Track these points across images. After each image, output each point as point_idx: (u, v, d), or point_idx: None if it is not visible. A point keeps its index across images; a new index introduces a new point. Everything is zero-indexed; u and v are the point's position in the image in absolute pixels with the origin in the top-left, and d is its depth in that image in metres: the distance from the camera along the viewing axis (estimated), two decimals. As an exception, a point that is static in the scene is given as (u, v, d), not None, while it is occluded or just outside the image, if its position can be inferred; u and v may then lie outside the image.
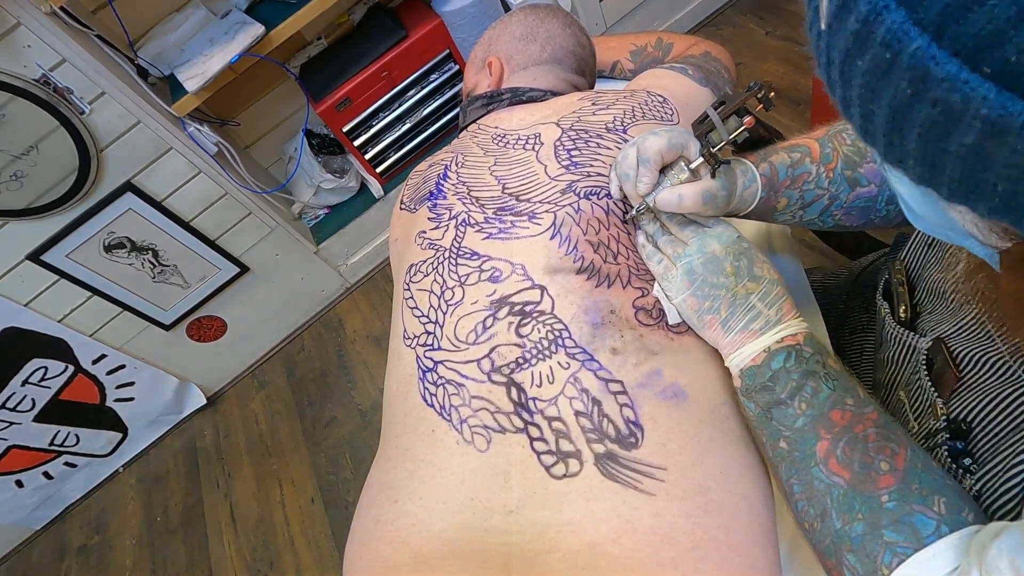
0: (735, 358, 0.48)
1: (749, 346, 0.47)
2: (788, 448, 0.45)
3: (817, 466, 0.43)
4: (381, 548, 0.49)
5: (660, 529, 0.43)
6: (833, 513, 0.42)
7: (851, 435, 0.43)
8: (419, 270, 0.60)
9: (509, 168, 0.63)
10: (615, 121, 0.62)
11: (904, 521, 0.39)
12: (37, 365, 1.60)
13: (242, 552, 1.59)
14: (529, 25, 0.78)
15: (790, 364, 0.45)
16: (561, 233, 0.55)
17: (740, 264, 0.49)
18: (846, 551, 0.40)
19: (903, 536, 0.39)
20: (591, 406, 0.47)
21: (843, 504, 0.41)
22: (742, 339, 0.47)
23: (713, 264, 0.49)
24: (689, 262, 0.50)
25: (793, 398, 0.45)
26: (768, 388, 0.46)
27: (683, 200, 0.49)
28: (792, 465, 0.44)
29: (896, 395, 0.53)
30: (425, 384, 0.53)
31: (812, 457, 0.43)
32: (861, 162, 0.53)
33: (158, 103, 1.36)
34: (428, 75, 1.67)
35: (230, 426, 1.88)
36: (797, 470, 0.44)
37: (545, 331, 0.51)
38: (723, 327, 0.48)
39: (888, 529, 0.39)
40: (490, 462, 0.48)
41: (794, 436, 0.44)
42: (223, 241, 1.65)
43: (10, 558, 1.90)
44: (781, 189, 0.54)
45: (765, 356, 0.46)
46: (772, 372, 0.46)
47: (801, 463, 0.44)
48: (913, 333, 0.50)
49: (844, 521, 0.41)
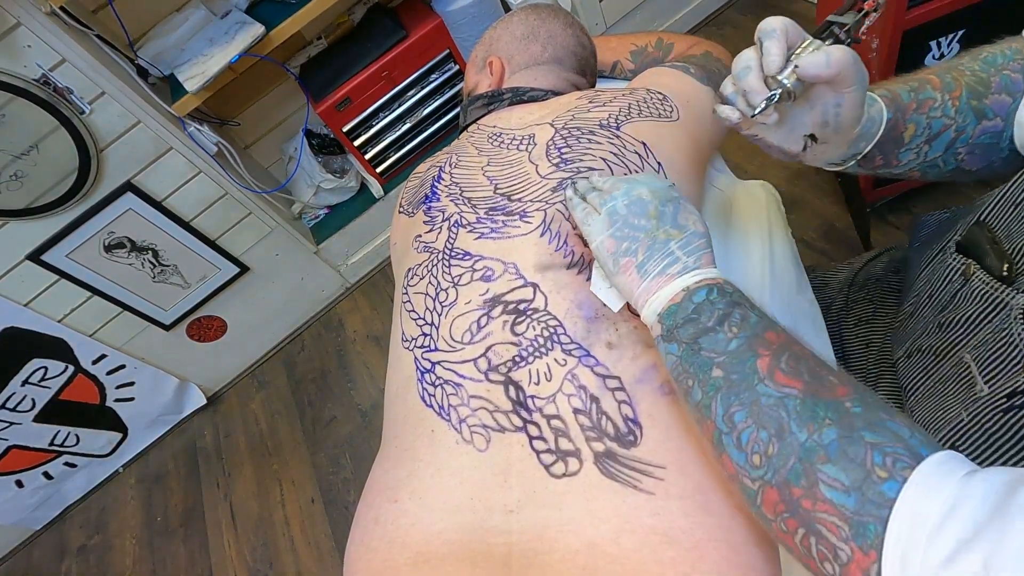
0: (652, 303, 0.45)
1: (666, 289, 0.44)
2: (723, 374, 0.40)
3: (762, 382, 0.38)
4: (381, 548, 0.49)
5: (659, 528, 0.43)
6: (792, 425, 0.36)
7: (791, 351, 0.39)
8: (415, 274, 0.61)
9: (502, 168, 0.63)
10: (609, 118, 0.62)
11: (880, 424, 0.34)
12: (37, 365, 1.60)
13: (242, 552, 1.59)
14: (530, 25, 0.78)
15: (713, 297, 0.43)
16: (551, 230, 0.55)
17: (665, 210, 0.47)
18: (820, 463, 0.35)
19: (884, 437, 0.34)
20: (589, 403, 0.48)
21: (803, 413, 0.36)
22: (658, 283, 0.45)
23: (637, 206, 0.47)
24: (613, 205, 0.48)
25: (722, 324, 0.42)
26: (692, 320, 0.42)
27: (831, 58, 0.42)
28: (730, 390, 0.40)
29: (957, 358, 0.50)
30: (423, 385, 0.54)
31: (754, 374, 0.39)
32: (986, 92, 0.49)
33: (158, 103, 1.36)
34: (428, 75, 1.67)
35: (230, 426, 1.88)
36: (737, 393, 0.39)
37: (540, 328, 0.51)
38: (639, 271, 0.45)
39: (865, 431, 0.34)
40: (489, 461, 0.48)
41: (728, 360, 0.40)
42: (223, 241, 1.65)
43: (10, 558, 1.90)
44: (908, 112, 0.49)
45: (685, 294, 0.44)
46: (695, 305, 0.43)
47: (741, 384, 0.39)
48: (1010, 289, 0.46)
49: (809, 430, 0.36)
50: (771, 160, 1.71)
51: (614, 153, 0.59)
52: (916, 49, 0.95)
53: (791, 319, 0.66)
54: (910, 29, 0.93)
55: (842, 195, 1.36)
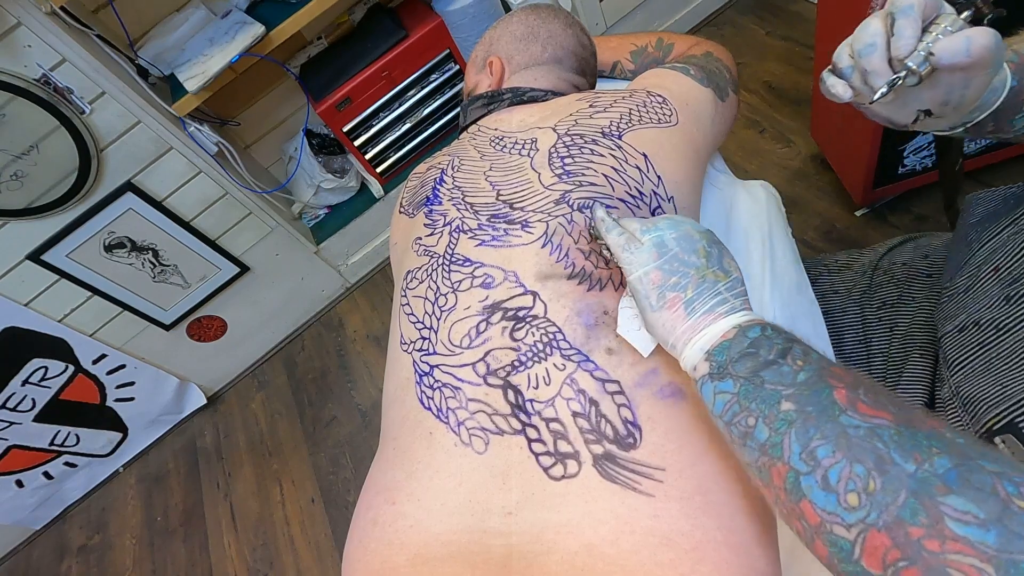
0: (698, 341, 0.42)
1: (715, 326, 0.42)
2: (796, 407, 0.36)
3: (844, 413, 0.34)
4: (380, 550, 0.49)
5: (659, 530, 0.43)
6: (895, 455, 0.32)
7: (865, 384, 0.36)
8: (415, 276, 0.61)
9: (504, 174, 0.63)
10: (611, 125, 0.62)
11: (990, 454, 0.30)
12: (37, 365, 1.60)
13: (242, 552, 1.59)
14: (530, 25, 0.78)
15: (768, 333, 0.41)
16: (552, 242, 0.55)
17: (712, 251, 0.45)
18: (940, 495, 0.29)
19: (1005, 467, 0.29)
20: (588, 407, 0.47)
21: (903, 442, 0.32)
22: (705, 320, 0.43)
23: (687, 242, 0.45)
24: (660, 236, 0.46)
25: (784, 356, 0.39)
26: (750, 354, 0.40)
27: (972, 45, 0.38)
28: (807, 424, 0.35)
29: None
30: (422, 387, 0.54)
31: (833, 405, 0.35)
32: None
33: (158, 103, 1.36)
34: (428, 75, 1.67)
35: (230, 426, 1.88)
36: (817, 426, 0.35)
37: (539, 334, 0.51)
38: (686, 307, 0.43)
39: (982, 459, 0.30)
40: (488, 463, 0.48)
41: (799, 392, 0.37)
42: (223, 241, 1.65)
43: (10, 558, 1.90)
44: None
45: (737, 331, 0.41)
46: (751, 340, 0.40)
47: (820, 416, 0.35)
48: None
49: (917, 460, 0.31)
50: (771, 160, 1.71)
51: (615, 168, 0.59)
52: (917, 49, 0.95)
53: (791, 318, 0.66)
54: (911, 29, 0.93)
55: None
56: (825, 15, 1.13)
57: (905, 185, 1.26)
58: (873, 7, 0.91)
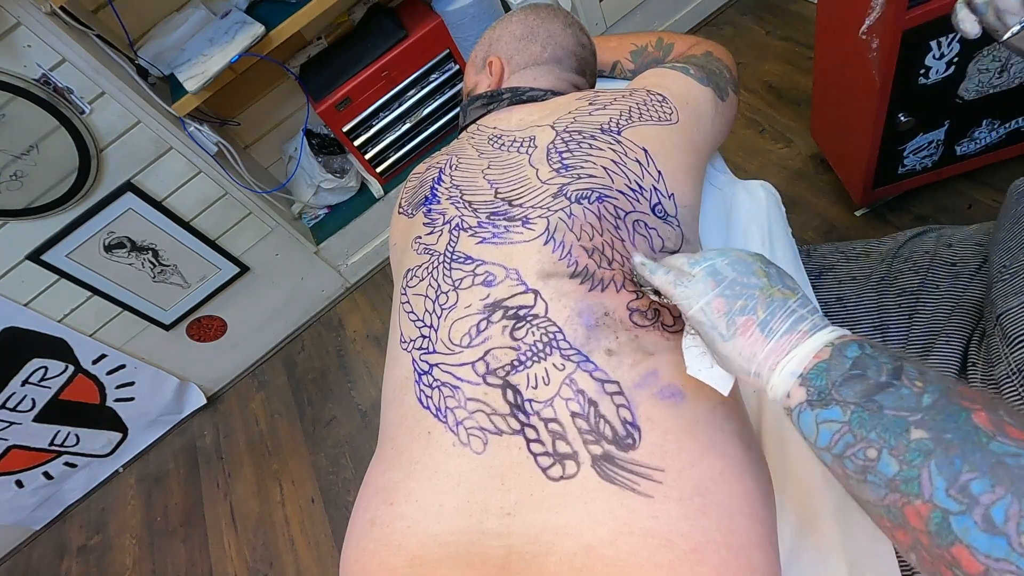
0: (787, 365, 0.38)
1: (804, 346, 0.38)
2: (931, 435, 0.32)
3: (993, 440, 0.31)
4: (377, 550, 0.49)
5: (658, 531, 0.42)
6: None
7: (1002, 405, 0.33)
8: (415, 275, 0.60)
9: (502, 172, 0.63)
10: (610, 122, 0.62)
11: None
12: (37, 365, 1.60)
13: (242, 552, 1.59)
14: (530, 25, 0.78)
15: (869, 351, 0.36)
16: (555, 239, 0.55)
17: (771, 271, 0.43)
18: None
19: None
20: (587, 407, 0.47)
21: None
22: (790, 341, 0.39)
23: (741, 265, 0.43)
24: (712, 264, 0.44)
25: (899, 377, 0.35)
26: (857, 377, 0.35)
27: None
28: (949, 454, 0.31)
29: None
30: (421, 387, 0.53)
31: (976, 431, 0.31)
32: None
33: (158, 103, 1.36)
34: (428, 75, 1.67)
35: (230, 426, 1.88)
36: (964, 456, 0.31)
37: (539, 334, 0.51)
38: (762, 329, 0.40)
39: None
40: (487, 464, 0.48)
41: (931, 417, 0.33)
42: (223, 241, 1.65)
43: (10, 558, 1.90)
44: None
45: (832, 350, 0.37)
46: (852, 360, 0.36)
47: (965, 444, 0.31)
48: None
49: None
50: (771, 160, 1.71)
51: (615, 161, 0.59)
52: (916, 49, 0.95)
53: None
54: (910, 29, 0.93)
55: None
56: (825, 15, 1.13)
57: (905, 185, 1.25)
58: (873, 7, 0.91)
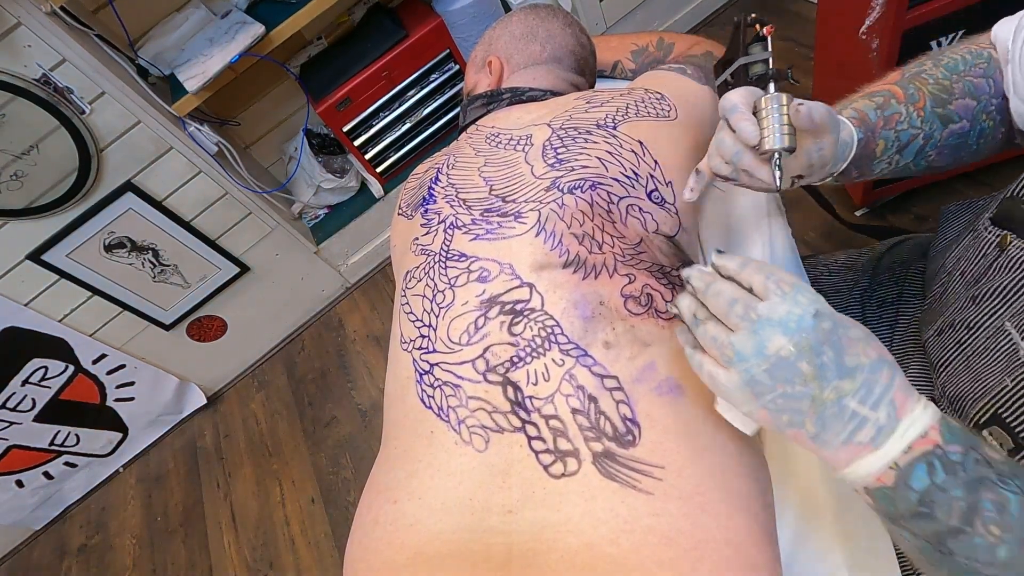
0: (849, 475, 0.37)
1: (863, 462, 0.36)
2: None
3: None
4: (381, 549, 0.49)
5: (658, 529, 0.43)
6: None
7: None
8: (413, 276, 0.61)
9: (498, 169, 0.63)
10: (607, 118, 0.62)
11: None
12: (37, 365, 1.60)
13: (242, 552, 1.59)
14: (529, 24, 0.78)
15: (939, 479, 0.34)
16: (546, 229, 0.55)
17: (823, 360, 0.36)
18: None
19: None
20: (587, 403, 0.47)
21: None
22: (849, 454, 0.36)
23: (782, 370, 0.37)
24: (748, 370, 0.38)
25: (972, 523, 0.33)
26: (924, 515, 0.34)
27: (813, 113, 0.44)
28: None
29: (995, 328, 0.49)
30: (422, 386, 0.53)
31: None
32: (950, 99, 0.51)
33: (158, 103, 1.36)
34: (428, 75, 1.67)
35: (230, 426, 1.88)
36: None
37: (537, 328, 0.51)
38: (816, 442, 0.37)
39: None
40: (488, 462, 0.48)
41: (1006, 574, 0.32)
42: (223, 241, 1.65)
43: (10, 558, 1.90)
44: (877, 131, 0.51)
45: (896, 474, 0.35)
46: (919, 494, 0.34)
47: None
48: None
49: None
50: (771, 160, 1.69)
51: (609, 152, 0.59)
52: (916, 49, 0.95)
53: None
54: (910, 29, 0.93)
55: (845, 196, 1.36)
56: (825, 15, 1.13)
57: (905, 185, 1.26)
58: (874, 7, 0.91)
